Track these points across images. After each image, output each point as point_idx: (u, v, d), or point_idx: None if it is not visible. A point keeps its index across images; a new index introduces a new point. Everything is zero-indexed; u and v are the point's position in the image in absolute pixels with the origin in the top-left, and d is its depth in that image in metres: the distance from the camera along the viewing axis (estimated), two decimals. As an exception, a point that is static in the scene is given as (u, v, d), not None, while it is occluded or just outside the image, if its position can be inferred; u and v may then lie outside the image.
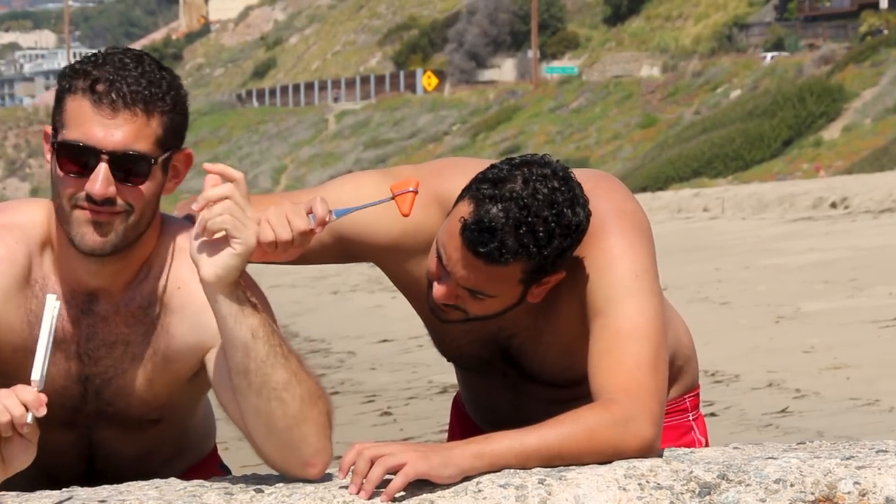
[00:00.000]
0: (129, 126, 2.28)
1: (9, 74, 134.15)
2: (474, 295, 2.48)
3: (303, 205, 2.33)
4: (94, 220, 2.31)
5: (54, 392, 2.42)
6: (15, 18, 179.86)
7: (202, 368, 2.46)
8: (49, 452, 2.52)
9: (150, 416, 2.51)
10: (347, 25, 76.55)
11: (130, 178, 2.30)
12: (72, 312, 2.42)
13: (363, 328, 13.82)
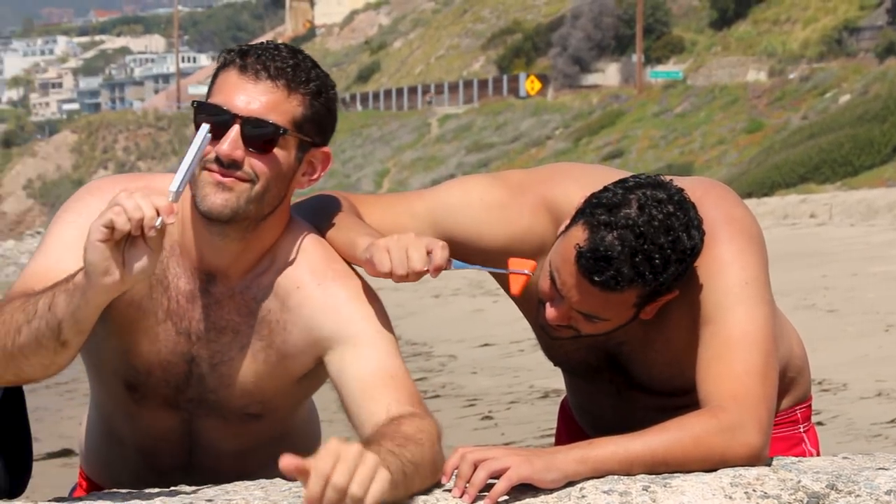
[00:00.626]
0: (267, 96, 2.35)
1: (119, 78, 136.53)
2: (588, 318, 2.47)
3: (424, 242, 2.35)
4: (218, 182, 2.34)
5: (160, 364, 2.47)
6: (126, 23, 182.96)
7: (312, 371, 2.48)
8: (151, 436, 2.57)
9: (250, 410, 2.52)
10: (451, 30, 76.69)
11: (260, 146, 2.34)
12: (189, 289, 2.46)
13: (464, 332, 13.82)
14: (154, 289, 2.45)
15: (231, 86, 2.36)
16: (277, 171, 2.36)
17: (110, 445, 2.68)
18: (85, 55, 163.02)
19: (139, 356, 2.50)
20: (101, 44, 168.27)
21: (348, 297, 2.42)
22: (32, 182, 73.45)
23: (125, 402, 2.57)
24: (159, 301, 2.47)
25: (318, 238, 2.49)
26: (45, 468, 7.66)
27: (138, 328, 2.47)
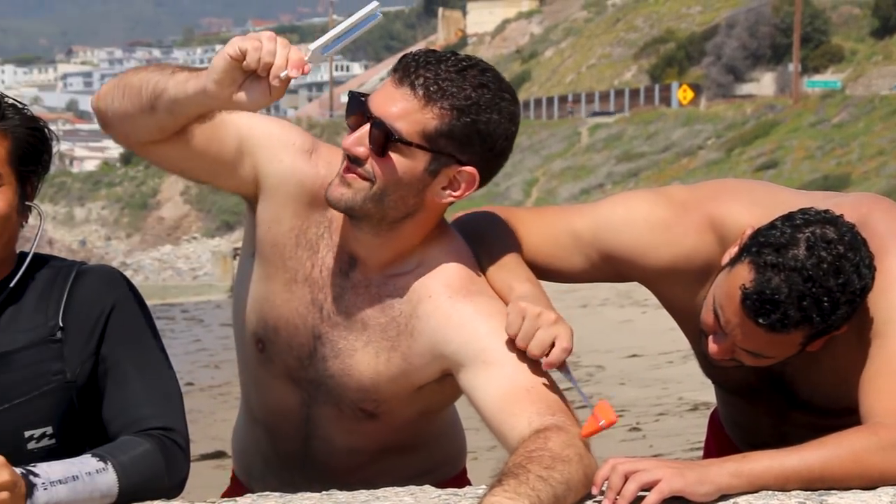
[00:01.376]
0: (402, 103, 2.35)
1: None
2: (752, 355, 2.43)
3: (555, 332, 2.35)
4: (342, 175, 2.39)
5: (287, 326, 2.54)
6: (282, 32, 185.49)
7: (437, 383, 2.48)
8: (274, 410, 2.62)
9: (365, 406, 2.53)
10: (603, 39, 76.34)
11: (378, 148, 2.35)
12: (332, 265, 2.50)
13: (612, 342, 13.73)
14: (300, 247, 2.51)
15: (383, 87, 2.40)
16: (396, 177, 2.37)
17: (247, 426, 2.74)
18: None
19: (272, 308, 2.55)
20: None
21: (476, 312, 2.41)
22: (190, 189, 75.10)
23: (255, 364, 2.62)
24: (302, 262, 2.52)
25: (465, 254, 2.49)
26: (199, 469, 7.81)
27: (276, 278, 2.53)
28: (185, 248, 68.40)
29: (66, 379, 2.38)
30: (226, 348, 18.75)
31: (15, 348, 2.37)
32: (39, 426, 2.37)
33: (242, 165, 2.55)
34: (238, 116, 2.57)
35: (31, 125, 2.42)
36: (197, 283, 50.31)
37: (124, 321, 2.43)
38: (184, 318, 28.81)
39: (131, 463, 2.29)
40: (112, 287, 2.44)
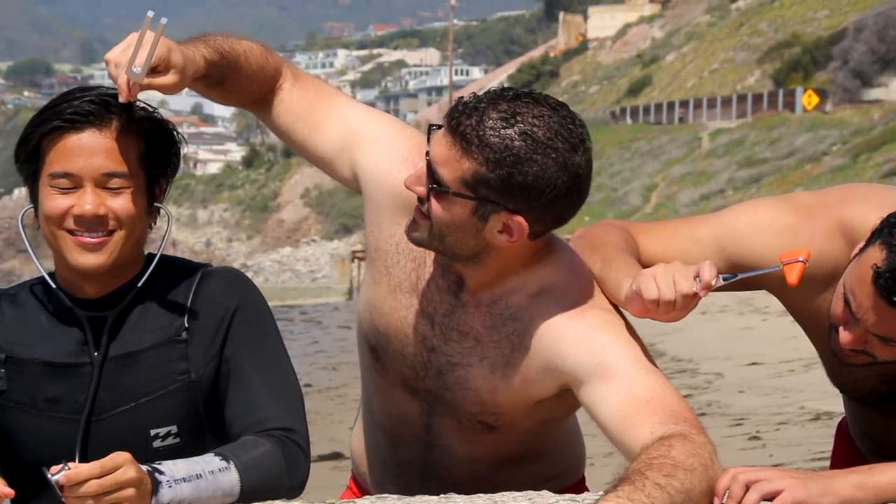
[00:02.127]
0: (445, 149, 2.37)
1: (394, 91, 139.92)
2: (886, 342, 2.36)
3: (691, 268, 2.30)
4: (415, 211, 2.42)
5: (398, 335, 2.55)
6: (403, 37, 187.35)
7: (556, 396, 2.47)
8: (394, 416, 2.63)
9: (484, 419, 2.53)
10: (727, 43, 75.44)
11: (430, 192, 2.38)
12: (441, 284, 2.51)
13: (732, 349, 13.55)
14: (402, 255, 2.53)
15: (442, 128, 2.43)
16: (447, 220, 2.38)
17: (367, 429, 2.75)
18: (363, 68, 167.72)
19: (380, 315, 2.57)
20: (379, 57, 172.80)
21: (590, 327, 2.39)
22: (309, 191, 75.92)
23: (373, 372, 2.63)
24: (406, 271, 2.53)
25: (577, 270, 2.48)
26: (317, 470, 7.87)
27: (382, 283, 2.54)
28: (304, 251, 69.12)
29: (191, 379, 2.41)
30: (343, 350, 18.89)
31: (142, 348, 2.41)
32: (164, 425, 2.40)
33: (342, 160, 2.59)
34: (351, 110, 2.61)
35: (160, 127, 2.44)
36: (315, 285, 50.81)
37: (248, 323, 2.44)
38: (302, 320, 29.10)
39: (253, 463, 2.31)
40: (236, 289, 2.46)
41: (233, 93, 2.59)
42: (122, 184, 2.38)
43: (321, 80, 2.73)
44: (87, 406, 2.38)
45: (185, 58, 2.40)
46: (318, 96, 2.66)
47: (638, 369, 2.34)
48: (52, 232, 2.39)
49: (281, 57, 2.69)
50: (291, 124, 2.64)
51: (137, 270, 2.46)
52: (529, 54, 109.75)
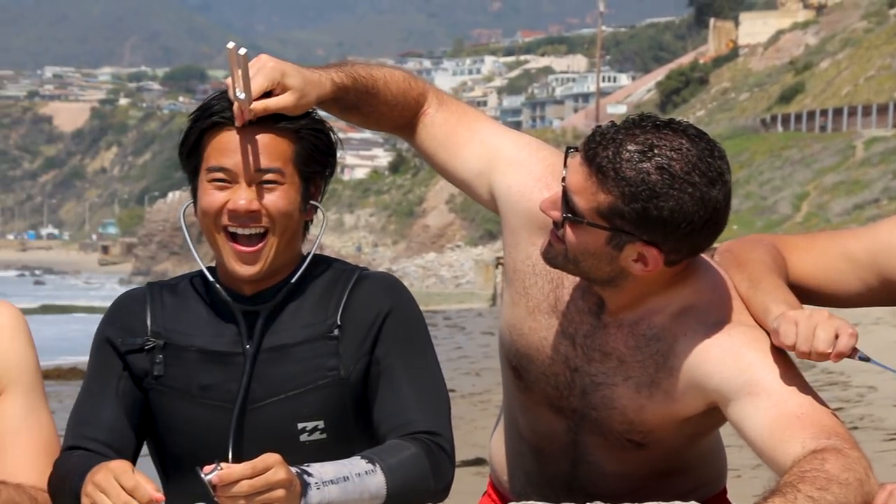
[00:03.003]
0: (581, 178, 2.36)
1: (541, 97, 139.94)
2: None
3: (835, 325, 2.26)
4: (550, 234, 2.44)
5: (540, 356, 2.55)
6: (550, 43, 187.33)
7: (704, 413, 2.43)
8: (539, 433, 2.62)
9: (632, 437, 2.50)
10: (884, 49, 73.73)
11: (565, 218, 2.39)
12: (581, 305, 2.50)
13: (885, 362, 13.21)
14: (539, 275, 2.53)
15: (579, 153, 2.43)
16: (581, 247, 2.37)
17: (510, 440, 2.74)
18: (509, 74, 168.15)
19: (520, 336, 2.57)
20: (526, 63, 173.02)
21: (734, 345, 2.36)
22: (455, 197, 76.26)
23: (515, 390, 2.63)
24: (545, 292, 2.53)
25: (721, 288, 2.45)
26: (460, 475, 7.87)
27: (521, 304, 2.55)
28: (449, 256, 69.46)
29: (340, 375, 2.42)
30: (486, 356, 18.92)
31: (295, 342, 2.43)
32: (312, 419, 2.41)
33: (481, 183, 2.61)
34: (491, 134, 2.63)
35: (317, 127, 2.47)
36: (459, 290, 51.01)
37: (399, 326, 2.45)
38: (446, 325, 29.25)
39: (398, 466, 2.30)
40: (391, 293, 2.48)
41: (372, 117, 2.64)
42: (275, 179, 2.41)
43: (466, 105, 2.75)
44: (239, 396, 2.40)
45: (306, 80, 2.44)
46: (461, 121, 2.68)
47: (786, 385, 2.29)
48: (209, 231, 2.44)
49: (426, 83, 2.72)
50: (434, 148, 2.68)
51: (293, 268, 2.48)
52: (678, 61, 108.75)
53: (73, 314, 45.50)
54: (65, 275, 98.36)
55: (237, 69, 2.40)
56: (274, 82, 2.40)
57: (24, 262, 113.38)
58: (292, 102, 2.41)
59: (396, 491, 2.29)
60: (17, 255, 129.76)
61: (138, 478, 2.20)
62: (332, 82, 2.50)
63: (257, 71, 2.39)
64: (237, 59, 2.39)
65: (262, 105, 2.39)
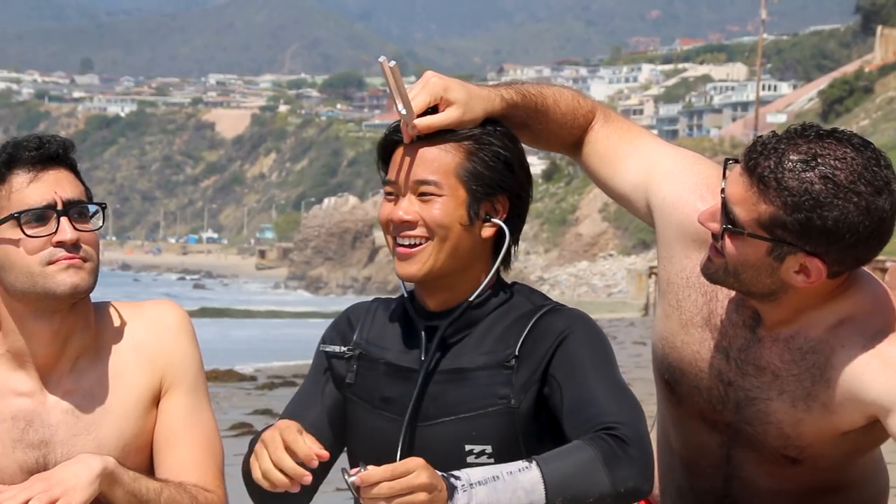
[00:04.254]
0: (741, 189, 2.34)
1: (698, 106, 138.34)
2: None
3: None
4: (709, 247, 2.41)
5: (692, 369, 2.52)
6: (709, 51, 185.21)
7: (864, 428, 2.39)
8: (691, 447, 2.59)
9: (787, 453, 2.45)
10: None
11: (725, 230, 2.36)
12: (736, 318, 2.47)
13: None
14: (692, 288, 2.51)
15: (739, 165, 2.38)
16: (741, 258, 2.34)
17: (662, 453, 2.71)
18: (667, 83, 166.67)
19: (672, 349, 2.55)
20: (684, 72, 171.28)
21: (894, 356, 2.31)
22: (608, 206, 75.82)
23: (668, 403, 2.61)
24: (698, 305, 2.51)
25: (879, 297, 2.40)
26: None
27: (673, 317, 2.53)
28: (601, 265, 69.11)
29: (510, 405, 2.41)
30: (638, 366, 18.73)
31: (473, 367, 2.44)
32: (480, 443, 2.42)
33: (638, 197, 2.61)
34: (651, 149, 2.62)
35: (487, 141, 2.47)
36: (611, 300, 50.71)
37: (578, 342, 2.41)
38: (598, 334, 29.03)
39: (559, 458, 2.24)
40: (570, 322, 2.44)
41: (542, 136, 2.65)
42: (432, 191, 2.44)
43: (631, 122, 2.75)
44: (408, 410, 2.45)
45: (471, 95, 2.46)
46: (623, 136, 2.68)
47: None
48: (386, 239, 2.52)
49: (595, 101, 2.73)
50: (597, 164, 2.69)
51: (473, 288, 2.48)
52: (842, 69, 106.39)
53: (231, 318, 46.48)
54: (223, 278, 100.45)
55: (392, 83, 2.43)
56: (436, 97, 2.43)
57: (185, 266, 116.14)
58: (456, 118, 2.43)
59: (558, 487, 2.21)
60: (178, 258, 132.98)
61: (303, 436, 2.25)
62: (500, 98, 2.52)
63: (421, 87, 2.43)
64: (389, 73, 2.43)
65: (425, 122, 2.42)
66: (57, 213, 2.49)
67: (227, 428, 10.24)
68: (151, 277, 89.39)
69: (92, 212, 2.55)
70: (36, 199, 2.49)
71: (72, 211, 2.50)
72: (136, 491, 2.43)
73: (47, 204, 2.49)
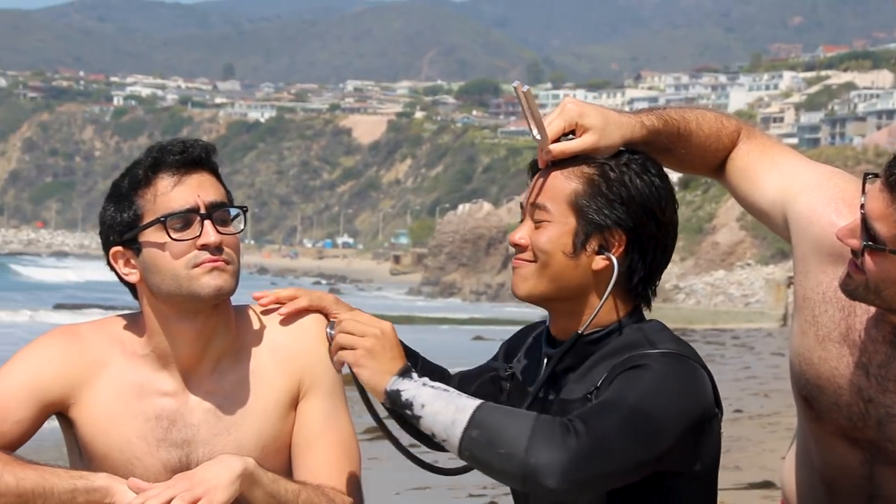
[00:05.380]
0: (882, 205, 2.30)
1: (841, 114, 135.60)
2: None
3: None
4: (850, 263, 2.37)
5: (831, 385, 2.47)
6: (854, 58, 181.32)
7: None
8: (832, 465, 2.54)
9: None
10: None
11: (865, 246, 2.32)
12: (875, 334, 2.43)
13: None
14: (829, 303, 2.46)
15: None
16: (880, 276, 2.29)
17: (802, 470, 2.67)
18: (808, 90, 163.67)
19: (809, 366, 2.50)
20: (826, 79, 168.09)
21: None
22: (746, 214, 74.79)
23: (807, 419, 2.57)
24: (835, 321, 2.46)
25: None
26: (748, 498, 7.71)
27: (809, 333, 2.49)
28: (738, 274, 68.13)
29: None
30: (776, 377, 18.46)
31: (573, 398, 2.44)
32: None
33: (776, 212, 2.57)
34: (790, 164, 2.59)
35: (600, 174, 2.45)
36: (748, 309, 49.98)
37: (632, 376, 2.37)
38: (733, 345, 28.71)
39: (503, 408, 2.31)
40: (652, 361, 2.38)
41: (687, 160, 2.63)
42: (544, 217, 2.45)
43: (773, 139, 2.72)
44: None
45: (608, 121, 2.45)
46: (764, 153, 2.65)
47: None
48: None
49: (739, 121, 2.70)
50: (737, 180, 2.66)
51: (584, 318, 2.47)
52: None
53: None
54: (358, 282, 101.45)
55: (526, 107, 2.43)
56: (571, 123, 2.43)
57: (321, 270, 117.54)
58: (591, 144, 2.43)
59: (481, 421, 2.26)
60: (314, 263, 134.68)
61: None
62: (640, 125, 2.51)
63: (558, 113, 2.44)
64: (523, 97, 2.43)
65: (559, 148, 2.42)
66: (201, 217, 2.53)
67: (362, 431, 10.33)
68: (288, 281, 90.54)
69: (233, 215, 2.59)
70: (180, 203, 2.53)
71: (215, 215, 2.55)
72: (275, 492, 2.46)
73: (191, 207, 2.53)
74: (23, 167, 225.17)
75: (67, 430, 2.63)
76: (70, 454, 2.66)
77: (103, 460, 2.57)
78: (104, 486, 2.45)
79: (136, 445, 2.56)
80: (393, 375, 2.35)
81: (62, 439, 2.65)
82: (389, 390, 2.35)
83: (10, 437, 2.54)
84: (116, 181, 2.59)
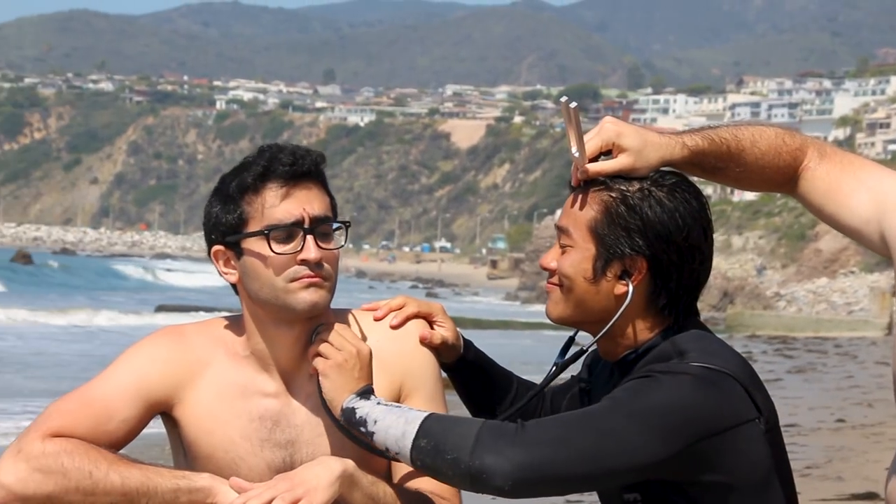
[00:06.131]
0: None
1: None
2: None
3: None
4: None
5: None
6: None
7: None
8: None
9: None
10: None
11: None
12: None
13: None
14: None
15: None
16: None
17: None
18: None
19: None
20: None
21: None
22: (851, 221, 73.66)
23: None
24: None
25: None
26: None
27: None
28: (841, 282, 67.08)
29: None
30: (880, 387, 18.14)
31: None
32: (633, 491, 2.43)
33: (871, 230, 2.51)
34: (878, 181, 2.53)
35: (619, 201, 2.44)
36: (851, 318, 49.14)
37: (637, 381, 2.44)
38: (836, 353, 28.27)
39: (449, 419, 2.37)
40: (665, 370, 2.40)
41: (744, 178, 2.59)
42: (566, 241, 2.48)
43: (850, 153, 2.66)
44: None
45: (646, 142, 2.43)
46: (845, 171, 2.59)
47: None
48: None
49: (805, 137, 2.65)
50: (820, 202, 2.60)
51: (634, 340, 2.49)
52: None
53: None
54: (454, 287, 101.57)
55: (571, 124, 2.41)
56: (608, 143, 2.42)
57: (418, 274, 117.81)
58: (627, 165, 2.42)
59: (428, 429, 2.34)
60: (412, 266, 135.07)
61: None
62: (682, 146, 2.48)
63: (596, 132, 2.43)
64: (570, 114, 2.40)
65: (595, 168, 2.42)
66: (304, 231, 2.55)
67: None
68: (385, 285, 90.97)
69: (335, 227, 2.61)
70: (285, 216, 2.54)
71: (318, 229, 2.56)
72: (374, 494, 2.47)
73: (295, 220, 2.54)
74: (128, 170, 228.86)
75: (172, 430, 2.66)
76: (174, 454, 2.70)
77: (208, 460, 2.60)
78: (206, 486, 2.48)
79: (239, 445, 2.59)
80: (352, 394, 2.47)
81: (166, 439, 2.69)
82: (345, 407, 2.47)
83: (116, 435, 2.57)
84: (226, 176, 2.59)
